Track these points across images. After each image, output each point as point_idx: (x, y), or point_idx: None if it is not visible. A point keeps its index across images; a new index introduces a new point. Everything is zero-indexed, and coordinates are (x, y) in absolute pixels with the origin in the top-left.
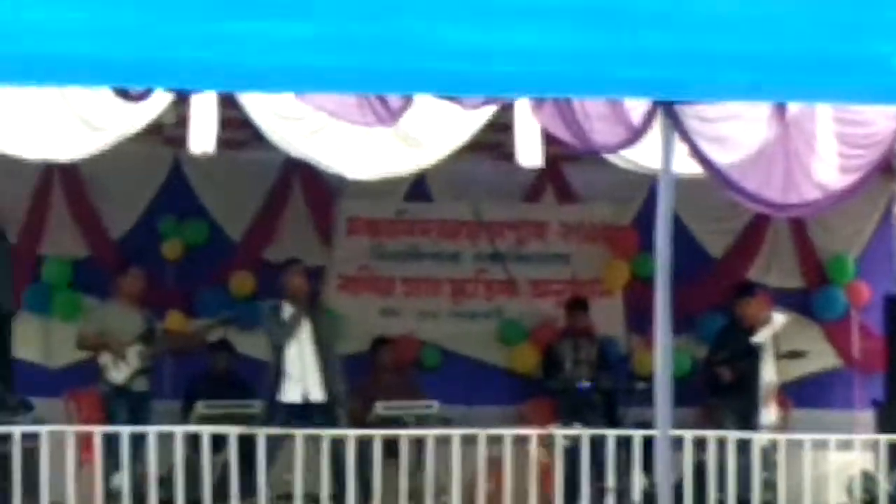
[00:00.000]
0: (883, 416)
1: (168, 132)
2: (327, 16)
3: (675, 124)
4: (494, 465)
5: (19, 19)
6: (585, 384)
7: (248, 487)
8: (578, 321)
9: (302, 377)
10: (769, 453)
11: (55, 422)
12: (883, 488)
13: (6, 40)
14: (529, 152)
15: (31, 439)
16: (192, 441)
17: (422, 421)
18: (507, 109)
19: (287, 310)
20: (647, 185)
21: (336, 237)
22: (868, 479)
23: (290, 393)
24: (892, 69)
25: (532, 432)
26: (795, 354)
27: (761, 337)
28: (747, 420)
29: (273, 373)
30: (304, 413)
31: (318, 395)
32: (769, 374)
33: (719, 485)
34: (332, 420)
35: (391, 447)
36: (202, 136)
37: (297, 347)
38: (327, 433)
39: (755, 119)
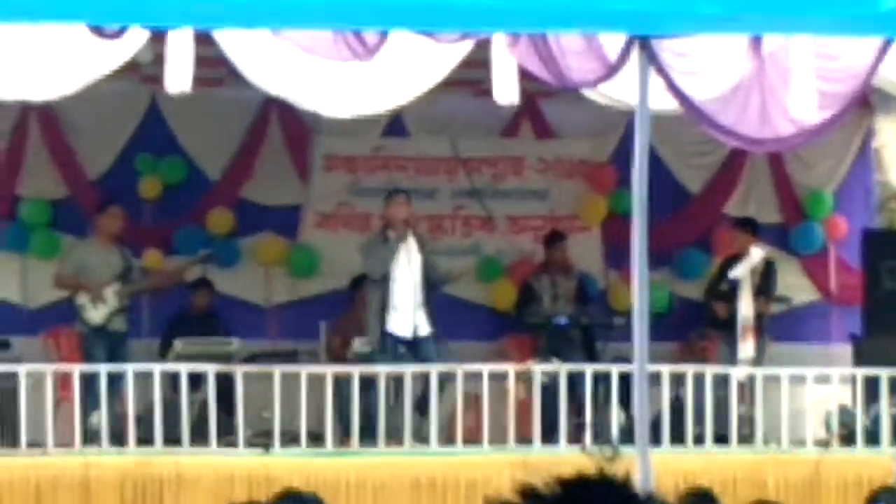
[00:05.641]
0: (860, 350)
1: (144, 71)
2: None
3: (651, 59)
4: (473, 401)
5: None
6: (563, 320)
7: (226, 426)
8: (556, 255)
9: (410, 310)
10: (746, 388)
11: (33, 361)
12: (860, 422)
13: None
14: (506, 88)
15: (9, 378)
16: (171, 380)
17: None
18: (483, 45)
19: (391, 236)
20: (624, 120)
21: (313, 174)
22: (845, 414)
23: (399, 327)
24: (869, 0)
25: (510, 368)
26: (779, 300)
27: (739, 271)
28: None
29: (378, 305)
30: (414, 347)
31: (425, 328)
32: (746, 308)
33: (697, 419)
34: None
35: (368, 384)
36: (179, 75)
37: (402, 279)
38: (305, 370)
39: (731, 53)
